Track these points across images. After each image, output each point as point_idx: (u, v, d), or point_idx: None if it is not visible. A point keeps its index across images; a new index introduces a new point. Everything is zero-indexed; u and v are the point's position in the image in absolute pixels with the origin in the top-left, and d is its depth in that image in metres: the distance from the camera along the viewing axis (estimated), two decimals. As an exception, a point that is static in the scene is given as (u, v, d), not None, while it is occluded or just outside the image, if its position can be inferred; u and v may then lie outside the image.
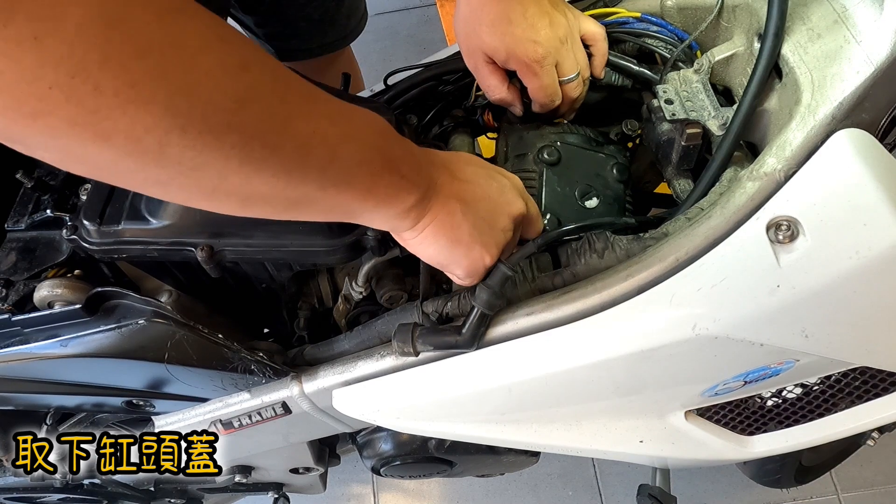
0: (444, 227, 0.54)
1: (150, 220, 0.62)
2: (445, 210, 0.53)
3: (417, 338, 0.61)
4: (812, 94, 0.52)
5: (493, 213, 0.56)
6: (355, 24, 1.25)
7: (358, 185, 0.46)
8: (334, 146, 0.43)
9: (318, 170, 0.43)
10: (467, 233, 0.55)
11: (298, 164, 0.42)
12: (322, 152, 0.43)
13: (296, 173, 0.42)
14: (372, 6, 1.31)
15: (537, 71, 0.66)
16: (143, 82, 0.31)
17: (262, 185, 0.41)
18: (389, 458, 0.92)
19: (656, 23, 0.71)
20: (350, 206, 0.48)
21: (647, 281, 0.56)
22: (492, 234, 0.56)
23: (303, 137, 0.41)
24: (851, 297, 0.50)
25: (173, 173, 0.37)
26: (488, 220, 0.56)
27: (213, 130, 0.35)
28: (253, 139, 0.38)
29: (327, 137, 0.43)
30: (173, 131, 0.34)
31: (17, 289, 0.65)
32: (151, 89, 0.32)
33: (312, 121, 0.41)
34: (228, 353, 0.65)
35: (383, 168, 0.47)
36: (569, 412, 0.68)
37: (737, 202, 0.54)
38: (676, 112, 0.64)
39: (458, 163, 0.57)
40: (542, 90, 0.68)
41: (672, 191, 0.68)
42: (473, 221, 0.55)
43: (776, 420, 0.73)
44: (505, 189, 0.58)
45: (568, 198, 0.70)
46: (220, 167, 0.38)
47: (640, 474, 0.94)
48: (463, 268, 0.57)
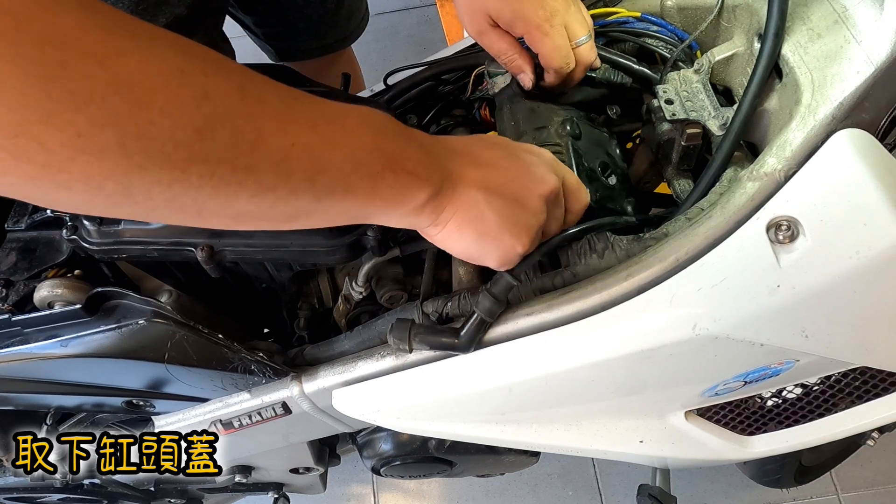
0: (469, 220, 0.51)
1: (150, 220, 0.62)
2: (467, 202, 0.50)
3: (415, 336, 0.60)
4: (812, 94, 0.52)
5: (521, 196, 0.52)
6: (355, 26, 1.24)
7: (357, 191, 0.44)
8: (319, 156, 0.41)
9: (306, 182, 0.41)
10: (494, 223, 0.51)
11: (281, 181, 0.40)
12: (306, 164, 0.40)
13: (281, 190, 0.40)
14: (372, 6, 1.31)
15: (547, 31, 0.63)
16: (91, 132, 0.31)
17: (247, 205, 0.39)
18: (389, 458, 0.92)
19: (656, 22, 0.71)
20: (356, 212, 0.46)
21: (647, 281, 0.56)
22: (522, 221, 0.53)
23: (279, 153, 0.39)
24: (851, 297, 0.50)
25: (149, 207, 0.36)
26: (516, 206, 0.52)
27: (177, 165, 0.34)
28: (221, 165, 0.36)
29: (310, 148, 0.40)
30: (132, 172, 0.33)
31: (17, 289, 0.65)
32: (101, 137, 0.31)
33: (289, 134, 0.39)
34: (228, 353, 0.65)
35: (385, 168, 0.44)
36: (569, 412, 0.67)
37: (737, 202, 0.54)
38: (676, 112, 0.64)
39: (477, 146, 0.53)
40: (555, 51, 0.64)
41: (672, 191, 0.68)
42: (500, 209, 0.51)
43: (776, 420, 0.73)
44: (532, 166, 0.53)
45: (594, 173, 0.67)
46: (194, 196, 0.37)
47: (640, 474, 0.94)
48: (495, 259, 0.54)
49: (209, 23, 0.91)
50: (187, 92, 0.34)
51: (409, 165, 0.46)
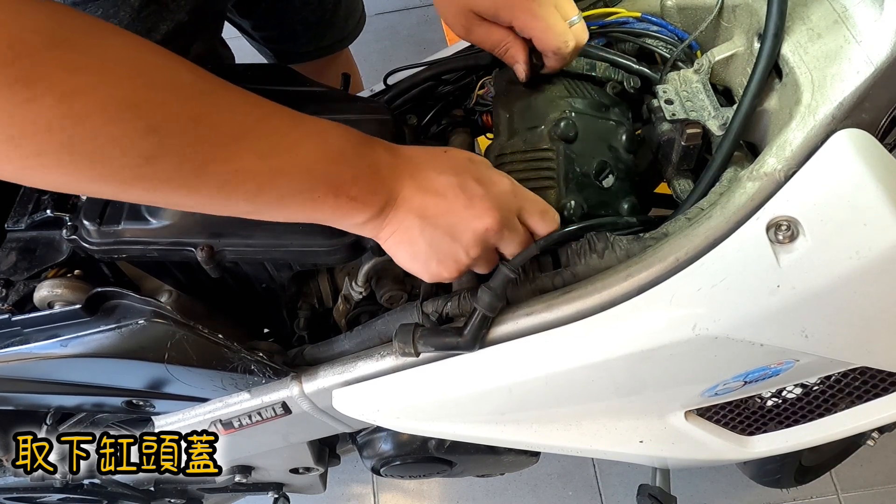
0: (403, 242, 0.54)
1: (150, 220, 0.62)
2: (403, 226, 0.53)
3: (419, 338, 0.61)
4: (812, 94, 0.52)
5: (455, 229, 0.54)
6: (353, 27, 1.24)
7: (296, 209, 0.49)
8: (262, 182, 0.45)
9: (245, 201, 0.46)
10: (424, 250, 0.54)
11: (221, 199, 0.45)
12: (249, 188, 0.45)
13: (220, 206, 0.46)
14: (372, 6, 1.31)
15: (536, 11, 0.62)
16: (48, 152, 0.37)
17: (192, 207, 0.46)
18: (389, 458, 0.92)
19: (656, 23, 0.71)
20: (297, 218, 0.50)
21: (647, 281, 0.56)
22: (451, 252, 0.55)
23: (221, 178, 0.43)
24: (851, 297, 0.50)
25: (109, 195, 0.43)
26: (447, 237, 0.54)
27: (124, 181, 0.41)
28: (164, 185, 0.42)
29: (255, 174, 0.45)
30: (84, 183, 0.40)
31: (17, 289, 0.65)
32: (57, 157, 0.38)
33: (234, 161, 0.43)
34: (228, 353, 0.65)
35: (327, 194, 0.48)
36: (569, 412, 0.67)
37: (737, 202, 0.54)
38: (676, 112, 0.64)
39: (432, 171, 0.54)
40: (550, 31, 0.63)
41: (672, 191, 0.68)
42: (431, 238, 0.54)
43: (776, 420, 0.73)
44: (475, 201, 0.54)
45: (586, 177, 0.65)
46: (139, 199, 0.44)
47: (640, 474, 0.94)
48: (425, 277, 0.57)
49: (210, 28, 0.91)
50: (137, 124, 0.39)
51: (353, 192, 0.50)
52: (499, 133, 0.70)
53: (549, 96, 0.69)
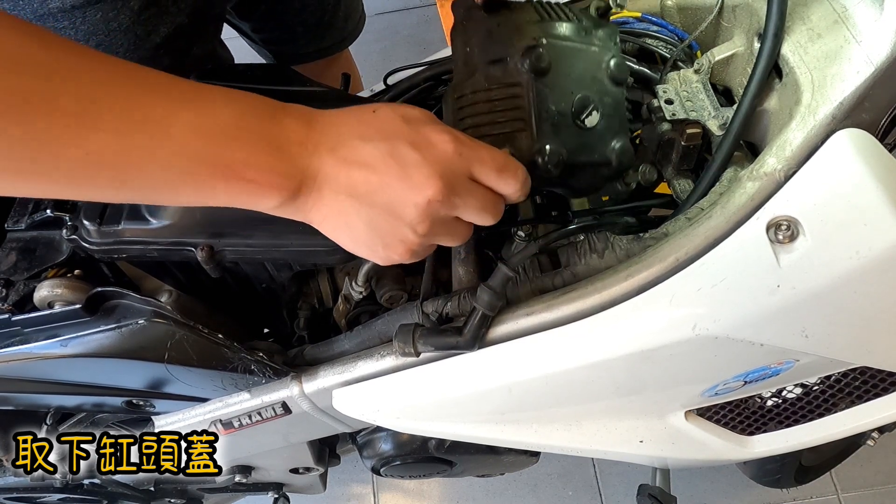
0: (340, 227, 0.47)
1: (150, 220, 0.62)
2: (335, 209, 0.46)
3: (419, 338, 0.61)
4: (812, 94, 0.52)
5: (394, 206, 0.46)
6: (353, 27, 1.24)
7: (188, 192, 0.43)
8: (124, 166, 0.40)
9: (113, 189, 0.41)
10: (364, 233, 0.47)
11: (79, 188, 0.40)
12: (109, 174, 0.40)
13: (83, 194, 0.41)
14: (372, 6, 1.31)
15: None
16: None
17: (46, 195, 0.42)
18: (389, 458, 0.92)
19: (656, 23, 0.71)
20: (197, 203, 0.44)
21: (647, 281, 0.56)
22: (396, 232, 0.47)
23: (69, 165, 0.38)
24: (852, 297, 0.50)
25: None
26: (388, 216, 0.46)
27: None
28: (6, 171, 0.37)
29: (114, 156, 0.39)
30: None
31: (17, 289, 0.65)
32: None
33: (83, 143, 0.38)
34: (228, 353, 0.65)
35: (214, 177, 0.42)
36: (569, 412, 0.67)
37: (737, 202, 0.54)
38: (676, 112, 0.64)
39: (355, 139, 0.46)
40: None
41: (672, 191, 0.68)
42: (369, 220, 0.46)
43: (776, 420, 0.73)
44: (410, 169, 0.45)
45: (564, 118, 0.56)
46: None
47: (640, 474, 0.94)
48: (378, 262, 0.51)
49: (210, 31, 0.91)
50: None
51: (249, 174, 0.43)
52: (458, 71, 0.60)
53: (515, 21, 0.57)
